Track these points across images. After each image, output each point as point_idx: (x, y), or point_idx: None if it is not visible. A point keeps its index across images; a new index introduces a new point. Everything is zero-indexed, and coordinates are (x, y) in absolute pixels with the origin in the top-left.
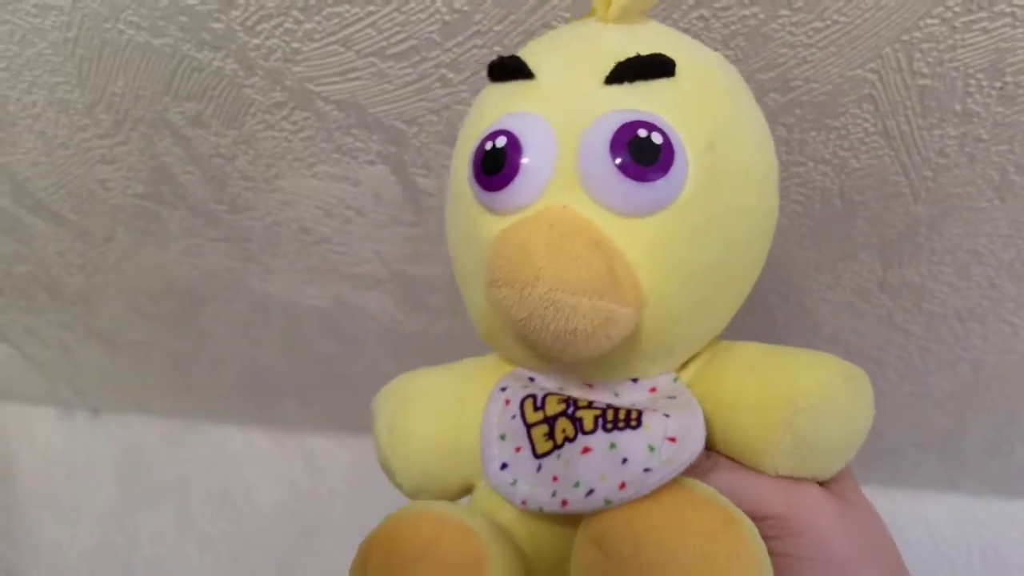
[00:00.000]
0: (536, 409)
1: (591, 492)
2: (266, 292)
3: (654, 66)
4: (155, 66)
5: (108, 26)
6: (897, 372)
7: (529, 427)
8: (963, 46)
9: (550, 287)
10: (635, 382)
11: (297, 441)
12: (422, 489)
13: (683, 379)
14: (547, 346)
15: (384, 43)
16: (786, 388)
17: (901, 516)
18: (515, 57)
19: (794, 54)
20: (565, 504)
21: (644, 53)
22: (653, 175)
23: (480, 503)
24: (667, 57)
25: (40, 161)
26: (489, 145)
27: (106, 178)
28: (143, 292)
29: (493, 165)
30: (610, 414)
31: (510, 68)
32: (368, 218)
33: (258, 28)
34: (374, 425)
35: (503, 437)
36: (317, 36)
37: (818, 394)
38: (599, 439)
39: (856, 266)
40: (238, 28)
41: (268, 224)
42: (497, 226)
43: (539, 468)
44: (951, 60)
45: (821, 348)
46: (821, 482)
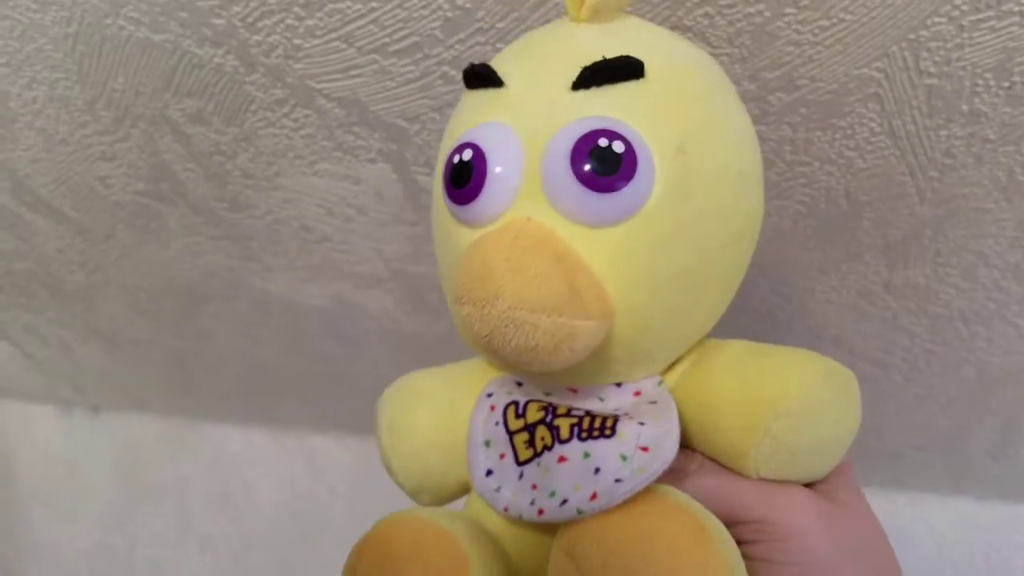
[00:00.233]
0: (518, 416)
1: (565, 502)
2: (267, 290)
3: (621, 69)
4: (156, 62)
5: (108, 22)
6: (901, 374)
7: (511, 434)
8: (971, 45)
9: (509, 305)
10: (619, 386)
11: (297, 440)
12: (422, 488)
13: (669, 382)
14: (512, 362)
15: (386, 40)
16: (766, 390)
17: (903, 519)
18: (485, 65)
19: (800, 52)
20: (541, 513)
21: (611, 55)
22: (615, 185)
23: (473, 505)
24: (634, 59)
25: (40, 158)
26: (457, 158)
27: (106, 175)
28: (143, 290)
29: (460, 178)
30: (586, 422)
31: (481, 76)
32: (369, 216)
33: (259, 24)
34: (376, 425)
35: (488, 443)
36: (319, 33)
37: (798, 397)
38: (574, 448)
39: (861, 267)
40: (239, 24)
41: (269, 222)
42: (469, 237)
43: (521, 475)
44: (958, 59)
45: (824, 350)
46: (811, 483)
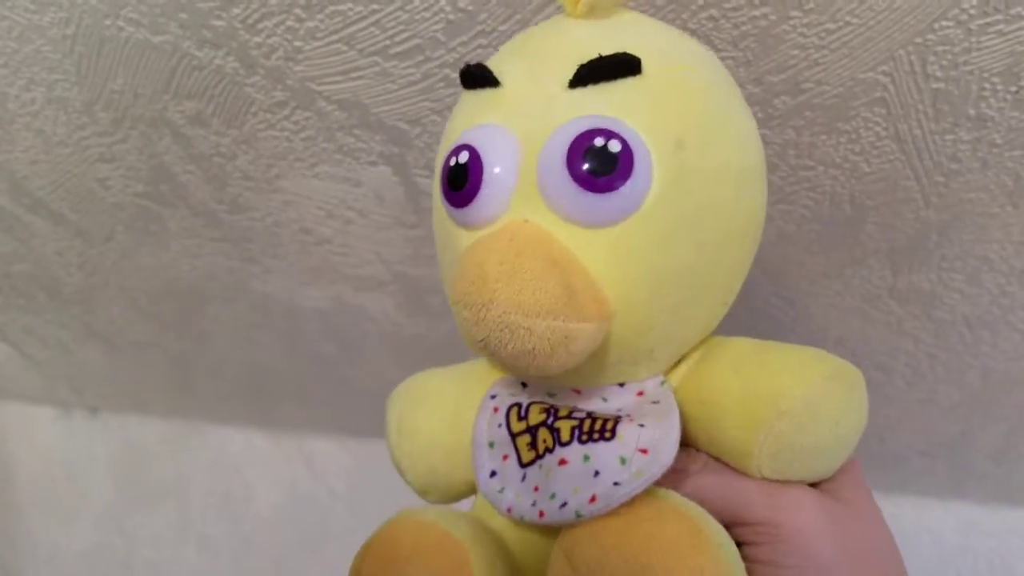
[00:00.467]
0: (520, 419)
1: (564, 504)
2: (266, 293)
3: (618, 66)
4: (155, 64)
5: (107, 23)
6: (905, 379)
7: (514, 436)
8: (978, 49)
9: (504, 310)
10: (622, 386)
11: (297, 443)
12: (430, 486)
13: (672, 380)
14: (510, 365)
15: (387, 42)
16: (768, 389)
17: (907, 523)
18: (481, 65)
19: (805, 56)
20: (542, 515)
21: (608, 52)
22: (612, 184)
23: (480, 504)
24: (631, 56)
25: (39, 159)
26: (453, 161)
27: (105, 177)
28: (142, 292)
29: (457, 181)
30: (587, 425)
31: (477, 76)
32: (370, 219)
33: (259, 26)
34: (386, 424)
35: (491, 445)
36: (319, 35)
37: (800, 395)
38: (574, 451)
39: (865, 272)
40: (239, 26)
41: (269, 224)
42: (467, 240)
43: (523, 477)
44: (965, 63)
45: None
46: (816, 482)
